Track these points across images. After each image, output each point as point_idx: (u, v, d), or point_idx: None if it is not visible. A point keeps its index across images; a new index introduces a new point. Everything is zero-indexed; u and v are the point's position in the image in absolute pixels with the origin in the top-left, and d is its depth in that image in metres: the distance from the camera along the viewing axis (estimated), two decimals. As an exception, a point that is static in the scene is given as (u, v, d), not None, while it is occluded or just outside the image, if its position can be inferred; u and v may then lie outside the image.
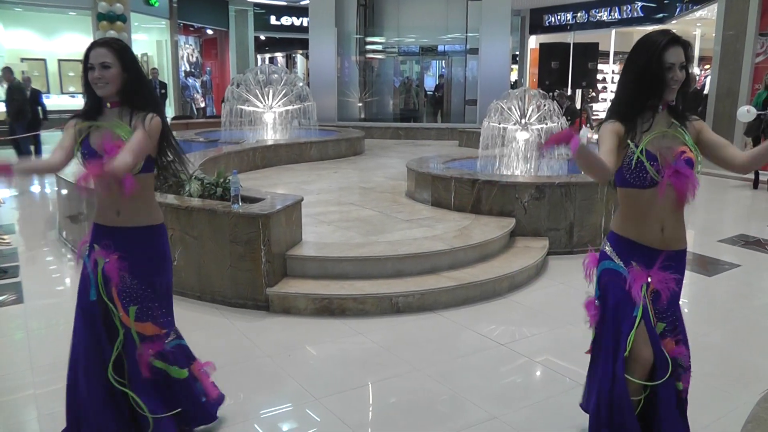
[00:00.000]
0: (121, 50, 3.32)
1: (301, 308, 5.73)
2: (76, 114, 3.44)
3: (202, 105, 24.64)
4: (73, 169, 3.84)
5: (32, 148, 15.16)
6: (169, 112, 20.38)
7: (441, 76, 21.50)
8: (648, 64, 3.03)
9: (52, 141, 17.87)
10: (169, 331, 3.62)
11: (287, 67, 30.45)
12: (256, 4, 25.96)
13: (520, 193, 7.54)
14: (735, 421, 3.76)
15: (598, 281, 3.27)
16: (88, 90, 3.35)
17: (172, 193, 6.34)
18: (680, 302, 3.26)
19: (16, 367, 4.78)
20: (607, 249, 3.24)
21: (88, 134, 3.37)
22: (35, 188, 12.76)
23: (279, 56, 32.38)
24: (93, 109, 3.40)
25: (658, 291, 3.14)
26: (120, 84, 3.32)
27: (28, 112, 14.81)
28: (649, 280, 3.14)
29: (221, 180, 6.40)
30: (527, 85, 23.92)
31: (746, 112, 11.66)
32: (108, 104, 3.37)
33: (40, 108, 15.23)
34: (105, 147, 3.27)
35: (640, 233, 3.17)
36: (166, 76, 22.40)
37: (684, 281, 3.28)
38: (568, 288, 6.39)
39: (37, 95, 15.37)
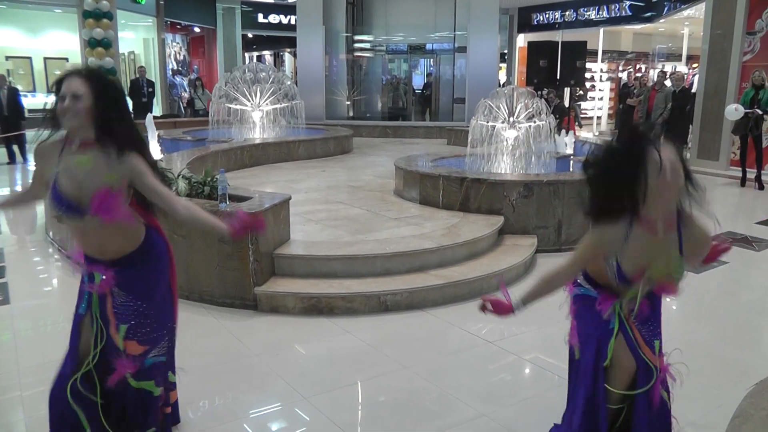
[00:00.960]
0: (98, 81, 3.09)
1: (289, 307, 5.72)
2: (38, 151, 3.20)
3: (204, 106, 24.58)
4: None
5: (15, 148, 15.11)
6: (157, 110, 20.29)
7: (429, 74, 21.48)
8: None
9: (36, 140, 17.80)
10: (151, 348, 3.42)
11: (275, 65, 30.39)
12: (243, 2, 25.89)
13: (509, 191, 7.54)
14: (722, 417, 3.75)
15: (570, 308, 3.32)
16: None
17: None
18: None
19: (3, 368, 4.75)
20: (579, 278, 3.28)
21: (55, 178, 3.13)
22: (20, 188, 12.70)
23: (267, 54, 32.32)
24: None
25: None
26: (91, 119, 3.08)
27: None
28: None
29: (209, 179, 6.38)
30: (515, 83, 23.95)
31: (734, 111, 11.75)
32: (74, 145, 3.11)
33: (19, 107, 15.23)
34: (98, 200, 3.07)
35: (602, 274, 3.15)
36: (154, 75, 22.30)
37: None
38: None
39: (14, 94, 15.29)
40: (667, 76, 16.45)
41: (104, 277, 3.29)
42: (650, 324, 3.19)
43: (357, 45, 19.91)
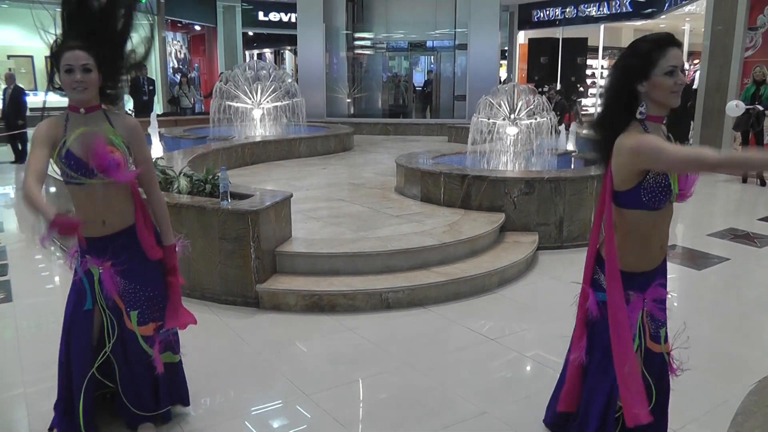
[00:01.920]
0: (97, 50, 3.25)
1: (290, 304, 5.72)
2: (42, 125, 3.30)
3: (190, 102, 24.55)
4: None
5: (20, 146, 15.17)
6: (158, 108, 20.29)
7: (430, 71, 21.49)
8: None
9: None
10: (163, 322, 3.63)
11: (276, 63, 30.37)
12: (244, 0, 25.88)
13: (510, 188, 7.54)
14: (724, 414, 3.76)
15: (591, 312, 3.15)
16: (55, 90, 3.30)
17: (161, 190, 6.31)
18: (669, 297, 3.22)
19: (6, 366, 4.76)
20: (603, 281, 3.09)
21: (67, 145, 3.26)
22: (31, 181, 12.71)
23: (267, 52, 32.29)
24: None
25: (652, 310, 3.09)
26: (97, 87, 3.28)
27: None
28: (644, 302, 3.06)
29: (210, 177, 6.37)
30: (516, 80, 23.95)
31: (735, 107, 11.73)
32: (82, 110, 3.27)
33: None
34: (97, 157, 3.21)
35: (640, 260, 3.04)
36: (154, 73, 22.30)
37: (674, 275, 3.28)
38: (558, 282, 6.39)
39: (19, 93, 15.37)
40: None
41: (101, 269, 3.39)
42: (660, 312, 3.16)
43: (357, 42, 19.92)
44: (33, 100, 19.55)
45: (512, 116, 9.51)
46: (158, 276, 3.62)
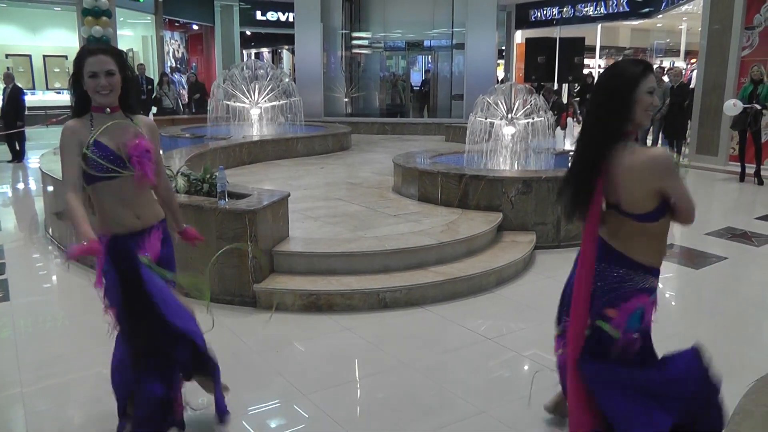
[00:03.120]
0: (119, 55, 3.35)
1: (288, 304, 5.72)
2: (67, 126, 3.34)
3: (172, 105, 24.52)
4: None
5: (17, 145, 15.16)
6: (155, 108, 20.31)
7: (427, 71, 21.47)
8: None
9: (36, 138, 17.77)
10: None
11: (273, 62, 30.36)
12: (241, 0, 25.88)
13: (507, 188, 7.54)
14: (722, 414, 3.76)
15: (642, 316, 3.16)
16: (82, 95, 3.34)
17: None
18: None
19: (3, 365, 4.75)
20: (648, 282, 3.18)
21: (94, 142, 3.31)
22: (20, 185, 12.71)
23: (265, 52, 32.30)
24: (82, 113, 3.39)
25: None
26: (120, 89, 3.36)
27: None
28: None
29: (207, 176, 6.37)
30: (513, 80, 23.95)
31: (732, 106, 11.74)
32: (108, 110, 3.34)
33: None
34: (130, 147, 3.32)
35: (660, 257, 3.23)
36: (152, 72, 22.29)
37: (671, 274, 3.34)
38: (556, 282, 6.36)
39: (17, 92, 15.34)
40: (665, 72, 16.44)
41: (148, 254, 3.46)
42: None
43: (355, 42, 19.90)
44: (31, 99, 19.55)
45: (510, 116, 9.51)
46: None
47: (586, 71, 21.48)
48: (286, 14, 26.38)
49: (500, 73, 24.46)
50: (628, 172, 2.96)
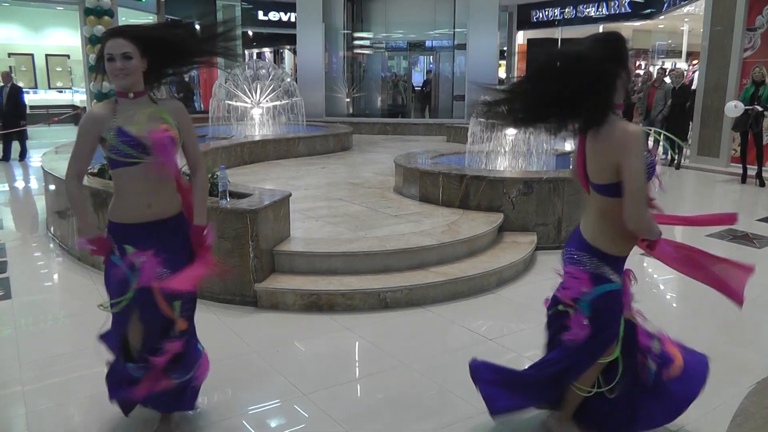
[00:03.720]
0: (139, 39, 3.29)
1: (289, 304, 5.72)
2: (90, 113, 3.39)
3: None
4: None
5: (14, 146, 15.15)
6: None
7: (429, 71, 21.47)
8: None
9: (38, 136, 17.79)
10: (191, 325, 3.75)
11: (275, 62, 30.35)
12: (244, 0, 25.88)
13: (508, 189, 7.54)
14: (724, 415, 3.77)
15: (592, 303, 3.25)
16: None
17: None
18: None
19: (4, 363, 4.75)
20: (607, 271, 3.25)
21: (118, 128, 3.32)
22: (22, 184, 12.71)
23: (267, 52, 32.27)
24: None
25: None
26: (140, 73, 3.33)
27: None
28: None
29: (209, 175, 6.35)
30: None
31: (734, 107, 11.74)
32: (131, 95, 3.34)
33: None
34: (153, 136, 3.29)
35: (630, 243, 3.25)
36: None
37: (672, 276, 3.37)
38: (556, 283, 6.37)
39: (17, 91, 15.32)
40: (667, 73, 16.42)
41: (144, 260, 3.37)
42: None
43: (357, 42, 19.90)
44: (33, 98, 19.57)
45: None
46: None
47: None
48: (288, 14, 26.37)
49: (502, 74, 24.45)
50: (601, 141, 3.02)
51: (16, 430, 3.93)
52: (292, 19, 23.98)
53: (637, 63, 25.46)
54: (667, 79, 15.39)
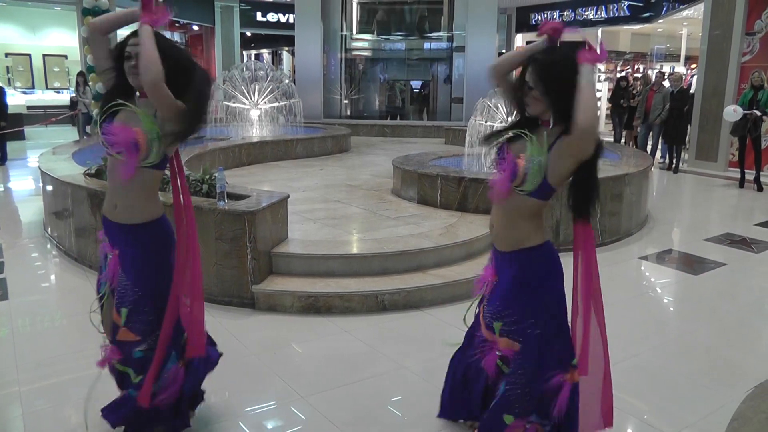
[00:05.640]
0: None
1: (286, 306, 5.71)
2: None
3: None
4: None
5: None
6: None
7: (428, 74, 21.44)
8: None
9: (35, 137, 17.75)
10: (143, 339, 3.43)
11: (273, 64, 30.38)
12: (242, 0, 25.89)
13: (507, 191, 7.51)
14: (720, 420, 3.76)
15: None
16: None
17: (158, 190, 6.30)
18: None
19: (1, 364, 4.74)
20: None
21: (113, 114, 3.32)
22: (19, 184, 12.70)
23: (265, 53, 32.30)
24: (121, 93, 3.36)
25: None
26: None
27: None
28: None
29: (207, 177, 6.36)
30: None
31: (732, 112, 11.74)
32: (137, 94, 3.35)
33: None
34: (117, 132, 3.20)
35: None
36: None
37: (670, 280, 3.33)
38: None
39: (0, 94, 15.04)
40: (666, 77, 16.43)
41: (111, 256, 3.43)
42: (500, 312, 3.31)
43: (355, 44, 19.88)
44: (31, 98, 19.53)
45: (510, 119, 9.49)
46: (155, 287, 3.47)
47: (624, 74, 21.53)
48: (287, 16, 26.42)
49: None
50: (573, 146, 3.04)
51: (12, 432, 3.93)
52: (291, 21, 23.99)
53: (636, 67, 25.51)
54: (666, 83, 15.39)
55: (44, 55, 22.57)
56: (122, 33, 3.45)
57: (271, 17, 27.23)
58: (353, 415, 4.10)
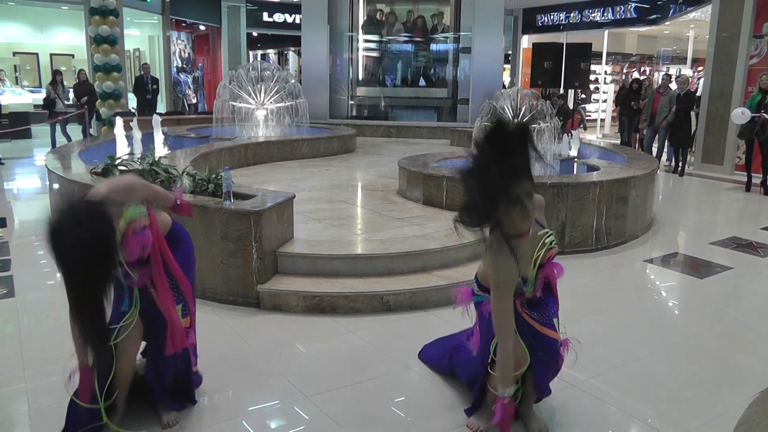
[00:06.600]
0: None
1: (291, 306, 5.72)
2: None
3: (194, 101, 24.57)
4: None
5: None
6: (161, 107, 20.29)
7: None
8: None
9: (42, 135, 17.78)
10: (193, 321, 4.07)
11: (279, 64, 30.40)
12: (248, 1, 25.90)
13: (512, 193, 7.51)
14: (726, 424, 3.75)
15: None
16: None
17: (164, 188, 6.31)
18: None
19: (7, 360, 4.76)
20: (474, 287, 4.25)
21: None
22: (25, 183, 12.72)
23: (271, 53, 32.31)
24: None
25: None
26: None
27: None
28: None
29: (213, 176, 6.38)
30: (519, 85, 23.94)
31: (740, 114, 11.71)
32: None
33: None
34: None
35: None
36: (158, 72, 22.33)
37: (675, 283, 3.35)
38: (559, 288, 6.36)
39: None
40: (672, 79, 16.40)
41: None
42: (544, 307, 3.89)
43: (361, 44, 19.87)
44: (37, 97, 19.54)
45: (515, 121, 9.50)
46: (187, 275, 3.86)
47: (634, 75, 21.53)
48: (293, 16, 26.43)
49: (506, 78, 24.44)
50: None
51: (18, 428, 3.94)
52: (297, 21, 24.03)
53: (642, 69, 25.48)
54: (673, 85, 15.35)
55: (51, 54, 22.62)
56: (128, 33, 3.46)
57: (278, 17, 27.23)
58: (357, 415, 4.11)
